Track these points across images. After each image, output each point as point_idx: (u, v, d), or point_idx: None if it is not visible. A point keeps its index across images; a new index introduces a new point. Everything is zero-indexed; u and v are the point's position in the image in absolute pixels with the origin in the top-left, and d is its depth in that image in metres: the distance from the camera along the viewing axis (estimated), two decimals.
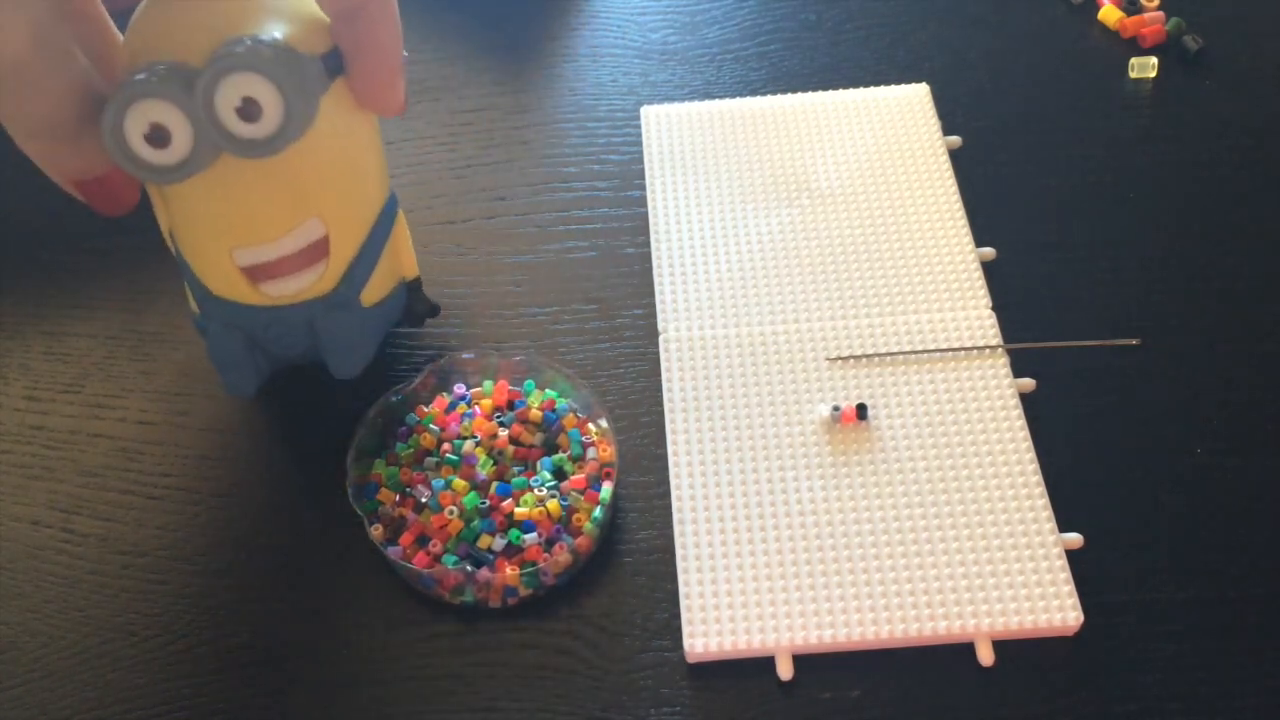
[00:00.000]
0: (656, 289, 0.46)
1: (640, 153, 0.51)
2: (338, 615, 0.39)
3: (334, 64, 0.36)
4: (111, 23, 0.37)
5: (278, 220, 0.37)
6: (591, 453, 0.40)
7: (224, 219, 0.37)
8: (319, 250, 0.38)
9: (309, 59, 0.34)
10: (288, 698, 0.37)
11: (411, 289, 0.44)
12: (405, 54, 0.37)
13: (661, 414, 0.42)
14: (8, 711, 0.37)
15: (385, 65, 0.37)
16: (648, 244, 0.48)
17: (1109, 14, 0.55)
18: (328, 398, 0.44)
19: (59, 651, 0.38)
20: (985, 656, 0.37)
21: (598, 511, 0.39)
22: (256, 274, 0.38)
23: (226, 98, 0.33)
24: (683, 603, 0.37)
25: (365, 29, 0.35)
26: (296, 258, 0.38)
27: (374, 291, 0.41)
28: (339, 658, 0.38)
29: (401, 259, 0.43)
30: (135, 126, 0.33)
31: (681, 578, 0.38)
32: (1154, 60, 0.53)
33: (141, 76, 0.33)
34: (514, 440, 0.41)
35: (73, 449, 0.43)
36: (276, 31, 0.34)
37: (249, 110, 0.33)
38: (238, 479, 0.42)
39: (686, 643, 0.37)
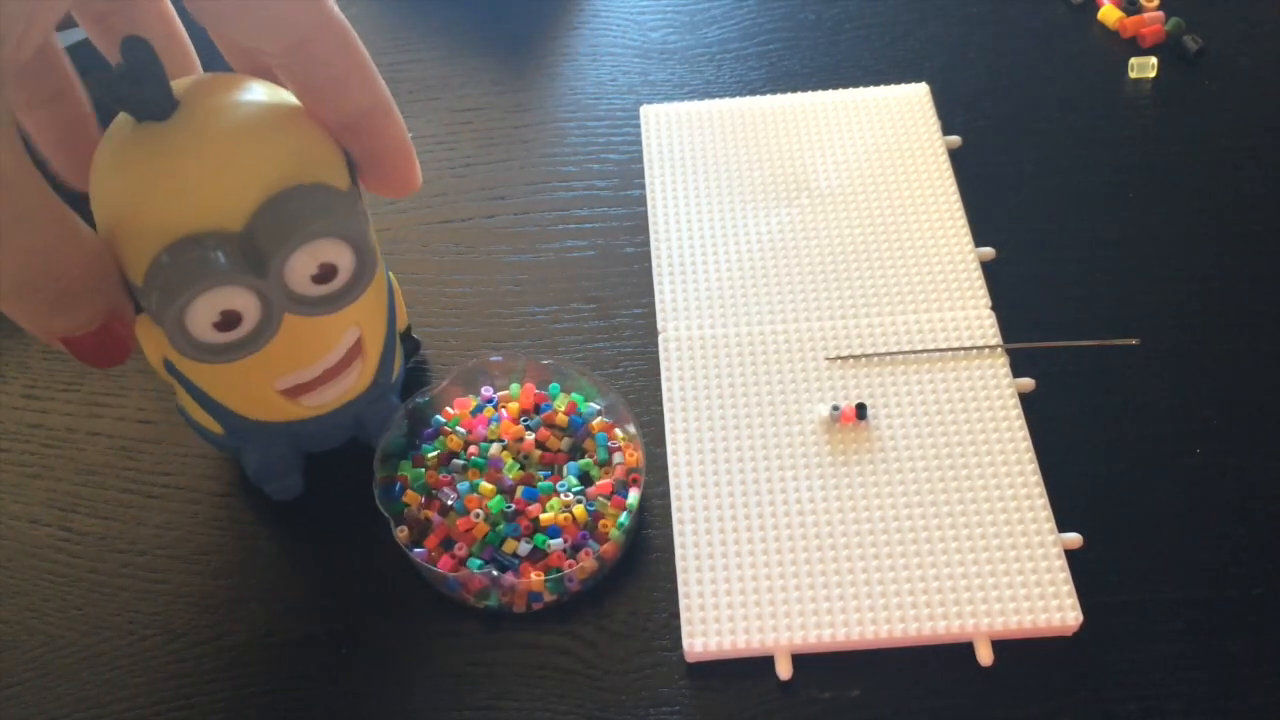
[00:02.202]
0: (656, 288, 0.46)
1: (640, 152, 0.51)
2: (335, 614, 0.39)
3: (355, 178, 0.33)
4: (91, 110, 0.32)
5: (324, 346, 0.36)
6: (618, 458, 0.40)
7: (268, 360, 0.34)
8: (355, 352, 0.37)
9: (355, 196, 0.32)
10: (286, 697, 0.37)
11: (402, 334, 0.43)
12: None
13: (661, 414, 0.42)
14: (6, 710, 0.37)
15: (402, 160, 0.34)
16: (647, 243, 0.48)
17: (1109, 14, 0.55)
18: None
19: (57, 650, 0.38)
20: (985, 656, 0.36)
21: (624, 518, 0.38)
22: (296, 392, 0.36)
23: (301, 268, 0.31)
24: (682, 602, 0.37)
25: (373, 135, 0.33)
26: (336, 367, 0.36)
27: (397, 364, 0.40)
28: (337, 657, 0.38)
29: (401, 316, 0.41)
30: (203, 316, 0.30)
31: (681, 577, 0.38)
32: (1154, 60, 0.53)
33: (200, 260, 0.29)
34: (540, 444, 0.40)
35: (71, 447, 0.43)
36: (316, 175, 0.31)
37: (326, 274, 0.31)
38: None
39: (686, 642, 0.37)
